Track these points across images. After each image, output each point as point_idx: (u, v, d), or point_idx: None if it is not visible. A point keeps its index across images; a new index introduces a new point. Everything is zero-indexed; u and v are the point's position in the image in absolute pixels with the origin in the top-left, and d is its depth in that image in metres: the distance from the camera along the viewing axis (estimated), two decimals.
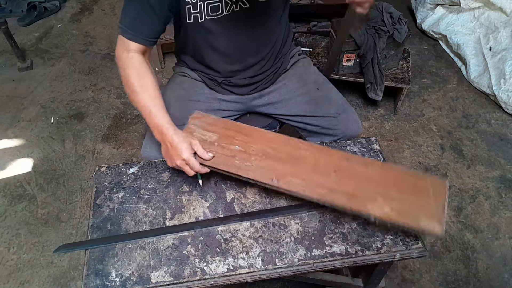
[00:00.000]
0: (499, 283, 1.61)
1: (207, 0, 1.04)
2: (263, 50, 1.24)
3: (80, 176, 1.94)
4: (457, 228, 1.79)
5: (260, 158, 0.99)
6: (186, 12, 1.06)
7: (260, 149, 1.01)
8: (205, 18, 1.07)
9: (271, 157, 0.99)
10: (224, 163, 0.98)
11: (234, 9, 1.08)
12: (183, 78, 1.33)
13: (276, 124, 1.42)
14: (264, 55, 1.26)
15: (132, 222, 0.98)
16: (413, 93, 2.45)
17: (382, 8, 2.07)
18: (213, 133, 1.03)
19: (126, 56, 1.04)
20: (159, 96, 1.03)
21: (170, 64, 2.60)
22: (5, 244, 1.67)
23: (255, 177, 0.96)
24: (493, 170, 2.02)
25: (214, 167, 0.98)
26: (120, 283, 0.87)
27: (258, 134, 1.05)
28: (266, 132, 1.06)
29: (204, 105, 1.29)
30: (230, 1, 1.06)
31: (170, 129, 0.98)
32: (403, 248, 0.94)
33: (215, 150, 0.99)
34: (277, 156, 1.00)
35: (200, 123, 1.06)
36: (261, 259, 0.91)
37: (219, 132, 1.04)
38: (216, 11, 1.07)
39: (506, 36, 2.36)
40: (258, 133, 1.05)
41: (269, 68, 1.30)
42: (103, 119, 2.24)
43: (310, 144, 1.05)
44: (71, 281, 1.57)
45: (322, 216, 1.00)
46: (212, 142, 1.01)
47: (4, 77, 2.49)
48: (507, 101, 2.25)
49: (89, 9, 3.11)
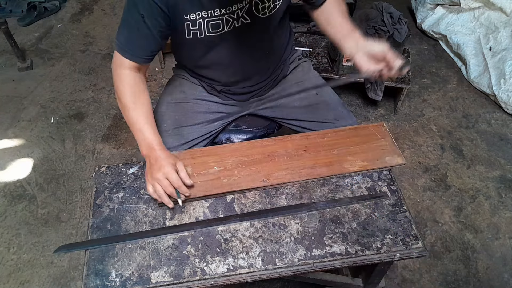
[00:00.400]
0: (499, 283, 1.61)
1: (207, 17, 1.01)
2: (265, 61, 1.23)
3: (80, 176, 1.94)
4: (457, 228, 1.79)
5: (241, 168, 1.06)
6: (185, 28, 1.03)
7: (235, 161, 1.08)
8: (205, 34, 1.05)
9: (250, 163, 1.08)
10: (214, 187, 1.02)
11: (235, 25, 1.06)
12: (182, 80, 1.32)
13: (274, 126, 1.42)
14: (265, 65, 1.25)
15: (132, 222, 0.98)
16: (413, 93, 2.45)
17: (382, 8, 2.07)
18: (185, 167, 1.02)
19: (120, 73, 1.03)
20: (152, 115, 1.04)
21: (170, 64, 2.60)
22: (5, 244, 1.67)
23: (248, 186, 1.02)
24: (493, 170, 2.02)
25: (207, 195, 1.01)
26: (120, 283, 0.87)
27: (225, 149, 1.12)
28: (230, 145, 1.14)
29: (203, 107, 1.29)
30: (231, 18, 1.04)
31: (160, 146, 0.99)
32: (403, 248, 0.94)
33: (197, 181, 1.02)
34: (254, 160, 1.08)
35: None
36: (261, 259, 0.91)
37: (189, 163, 1.06)
38: (217, 28, 1.05)
39: (506, 36, 2.36)
40: (224, 148, 1.12)
41: (269, 76, 1.29)
42: (103, 119, 2.25)
43: (272, 138, 1.15)
44: (71, 281, 1.57)
45: (322, 216, 1.00)
46: (190, 174, 1.02)
47: (4, 77, 2.49)
48: (507, 101, 2.26)
49: (89, 9, 3.11)
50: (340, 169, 1.07)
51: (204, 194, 1.00)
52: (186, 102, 1.28)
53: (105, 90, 2.43)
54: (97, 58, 2.66)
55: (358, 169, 1.07)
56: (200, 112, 1.28)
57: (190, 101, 1.29)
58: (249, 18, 1.06)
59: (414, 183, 1.96)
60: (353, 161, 1.08)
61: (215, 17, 1.02)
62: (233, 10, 1.02)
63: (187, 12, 0.99)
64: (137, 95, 1.03)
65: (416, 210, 1.85)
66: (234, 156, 1.09)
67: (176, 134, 1.22)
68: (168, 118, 1.24)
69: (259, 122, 1.40)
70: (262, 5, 1.05)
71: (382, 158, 1.09)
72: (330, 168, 1.07)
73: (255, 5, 1.04)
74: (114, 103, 2.35)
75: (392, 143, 1.13)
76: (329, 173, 1.06)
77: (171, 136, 1.21)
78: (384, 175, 1.09)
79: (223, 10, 1.01)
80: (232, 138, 1.37)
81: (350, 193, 1.05)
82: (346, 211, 1.01)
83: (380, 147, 1.12)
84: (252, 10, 1.05)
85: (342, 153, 1.10)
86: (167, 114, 1.24)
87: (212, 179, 1.03)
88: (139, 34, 0.99)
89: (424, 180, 1.98)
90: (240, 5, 1.02)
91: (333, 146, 1.12)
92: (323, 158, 1.09)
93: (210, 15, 1.01)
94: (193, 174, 1.03)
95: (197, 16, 1.00)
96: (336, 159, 1.09)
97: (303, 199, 1.03)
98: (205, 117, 1.28)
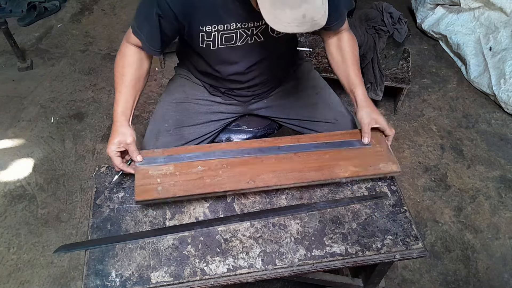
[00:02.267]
0: (499, 283, 1.61)
1: (223, 30, 1.03)
2: (272, 71, 1.25)
3: (80, 176, 1.94)
4: (457, 228, 1.79)
5: (226, 169, 1.01)
6: (199, 38, 1.05)
7: (221, 161, 1.02)
8: (217, 46, 1.07)
9: (236, 164, 1.02)
10: (196, 187, 0.97)
11: (248, 41, 1.08)
12: (184, 80, 1.33)
13: (274, 126, 1.42)
14: (272, 74, 1.26)
15: (132, 222, 0.98)
16: (413, 93, 2.45)
17: (382, 8, 2.07)
18: (168, 165, 1.01)
19: (124, 44, 1.08)
20: (132, 86, 1.05)
21: (170, 64, 2.60)
22: (5, 244, 1.67)
23: (232, 187, 0.97)
24: (493, 170, 2.02)
25: (188, 194, 0.96)
26: (120, 283, 0.86)
27: (211, 149, 1.07)
28: (218, 144, 1.10)
29: (204, 107, 1.29)
30: (245, 33, 1.05)
31: (118, 118, 1.01)
32: (403, 248, 0.94)
33: (179, 180, 0.98)
34: (240, 161, 1.03)
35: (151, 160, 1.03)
36: (261, 259, 0.91)
37: (172, 161, 1.03)
38: (230, 41, 1.06)
39: (506, 36, 2.36)
40: (211, 148, 1.08)
41: (273, 79, 1.30)
42: (103, 119, 2.24)
43: (262, 139, 1.11)
44: (71, 281, 1.57)
45: (322, 216, 1.00)
46: (172, 173, 0.99)
47: (4, 77, 2.48)
48: (507, 101, 2.25)
49: (89, 9, 3.11)
50: (330, 174, 1.01)
51: (185, 193, 0.96)
52: (187, 102, 1.28)
53: (105, 90, 2.43)
54: (97, 58, 2.66)
55: (349, 175, 1.02)
56: (201, 113, 1.28)
57: (191, 101, 1.29)
58: (262, 37, 1.08)
59: (414, 183, 1.96)
60: (345, 166, 1.03)
61: (230, 30, 1.03)
62: (249, 26, 1.03)
63: (203, 24, 1.01)
64: (126, 65, 1.06)
65: (416, 210, 1.85)
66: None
67: (177, 134, 1.22)
68: (169, 118, 1.24)
69: (259, 122, 1.40)
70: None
71: (376, 165, 1.04)
72: (320, 172, 1.02)
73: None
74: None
75: (388, 149, 1.09)
76: (318, 178, 1.01)
77: (171, 135, 1.21)
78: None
79: (239, 25, 1.02)
80: (232, 138, 1.37)
81: (350, 193, 1.05)
82: (346, 211, 1.01)
83: (375, 153, 1.08)
84: (268, 31, 1.06)
85: (334, 158, 1.05)
86: (168, 114, 1.25)
87: (194, 179, 0.98)
88: (152, 27, 1.01)
89: (424, 180, 1.98)
90: (257, 23, 1.03)
91: (325, 150, 1.07)
92: (313, 162, 1.04)
93: (226, 28, 1.02)
94: (175, 173, 0.99)
95: (212, 28, 1.02)
96: (327, 163, 1.04)
97: (303, 199, 1.03)
98: (206, 117, 1.29)
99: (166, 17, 0.99)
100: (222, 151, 1.04)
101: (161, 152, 1.04)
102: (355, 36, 1.20)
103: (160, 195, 0.95)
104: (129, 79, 1.05)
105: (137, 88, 1.07)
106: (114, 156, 0.98)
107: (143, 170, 0.99)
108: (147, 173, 0.99)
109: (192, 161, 1.02)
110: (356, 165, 1.04)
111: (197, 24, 1.01)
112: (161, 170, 1.00)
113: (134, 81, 1.06)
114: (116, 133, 0.99)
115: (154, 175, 0.98)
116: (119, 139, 0.98)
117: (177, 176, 0.99)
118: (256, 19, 1.02)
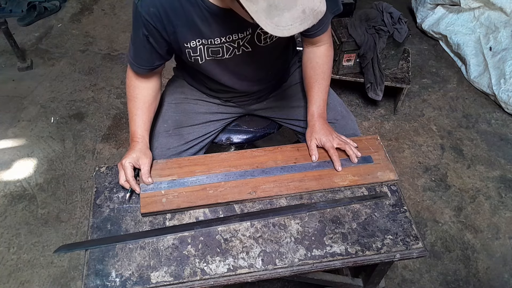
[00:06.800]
0: (499, 283, 1.61)
1: (207, 44, 1.02)
2: (269, 76, 1.24)
3: (80, 176, 1.94)
4: (457, 228, 1.79)
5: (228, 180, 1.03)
6: (186, 53, 1.05)
7: (223, 171, 1.05)
8: (205, 59, 1.06)
9: (238, 174, 1.05)
10: (199, 198, 0.99)
11: (236, 53, 1.06)
12: (183, 81, 1.33)
13: (274, 126, 1.42)
14: (267, 81, 1.26)
15: (132, 222, 0.98)
16: (413, 93, 2.45)
17: (382, 8, 2.07)
18: (171, 176, 1.04)
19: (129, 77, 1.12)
20: (146, 109, 1.10)
21: (170, 64, 2.57)
22: (5, 244, 1.67)
23: (235, 198, 1.00)
24: (493, 170, 2.02)
25: (191, 206, 0.99)
26: (120, 283, 0.86)
27: (212, 159, 1.10)
28: (219, 154, 1.12)
29: (203, 108, 1.30)
30: (232, 46, 1.04)
31: (136, 138, 1.05)
32: (403, 248, 0.94)
33: (183, 191, 1.00)
34: (242, 171, 1.06)
35: (153, 172, 1.05)
36: (261, 259, 0.91)
37: (176, 173, 1.05)
38: (217, 54, 1.05)
39: (506, 36, 2.36)
40: (212, 158, 1.10)
41: (271, 83, 1.30)
42: (103, 119, 2.24)
43: (262, 148, 1.13)
44: (71, 281, 1.57)
45: (322, 216, 1.00)
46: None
47: (4, 77, 2.49)
48: (507, 101, 2.26)
49: (89, 9, 3.11)
50: (329, 184, 1.04)
51: (189, 205, 0.98)
52: (186, 102, 1.28)
53: (105, 90, 2.43)
54: (97, 58, 2.66)
55: (348, 184, 1.04)
56: (200, 113, 1.28)
57: (190, 101, 1.29)
58: (250, 47, 1.06)
59: (414, 183, 1.96)
60: (344, 175, 1.06)
61: (215, 45, 1.02)
62: (234, 39, 1.02)
63: (187, 40, 1.00)
64: (137, 90, 1.10)
65: (416, 210, 1.85)
66: (222, 167, 1.07)
67: (177, 135, 1.22)
68: (169, 119, 1.24)
69: (259, 122, 1.40)
70: (264, 36, 1.04)
71: (374, 173, 1.07)
72: (319, 182, 1.04)
73: (257, 36, 1.03)
74: (114, 103, 2.35)
75: (386, 157, 1.11)
76: (318, 187, 1.03)
77: (171, 136, 1.21)
78: None
79: (223, 39, 1.01)
80: (232, 138, 1.37)
81: (350, 193, 1.05)
82: (346, 211, 1.01)
83: (373, 161, 1.10)
84: (254, 40, 1.04)
85: (332, 167, 1.08)
86: (167, 115, 1.25)
87: (197, 190, 1.01)
88: (144, 50, 1.03)
89: (424, 180, 1.98)
90: (241, 35, 1.02)
91: (324, 159, 1.09)
92: (313, 171, 1.07)
93: (210, 43, 1.01)
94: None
95: (197, 43, 1.01)
96: (326, 172, 1.06)
97: (303, 199, 1.03)
98: (206, 118, 1.29)
99: (152, 36, 0.99)
100: (225, 174, 1.05)
101: (165, 163, 1.07)
102: (355, 36, 1.20)
103: (164, 207, 0.97)
104: (140, 102, 1.10)
105: (151, 110, 1.12)
106: (129, 167, 0.99)
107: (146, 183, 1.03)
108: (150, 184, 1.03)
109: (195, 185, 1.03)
110: (354, 174, 1.06)
111: (182, 40, 1.00)
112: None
113: (147, 103, 1.11)
114: (134, 149, 1.03)
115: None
116: (137, 155, 1.02)
117: (181, 188, 1.01)
118: (240, 31, 1.00)
